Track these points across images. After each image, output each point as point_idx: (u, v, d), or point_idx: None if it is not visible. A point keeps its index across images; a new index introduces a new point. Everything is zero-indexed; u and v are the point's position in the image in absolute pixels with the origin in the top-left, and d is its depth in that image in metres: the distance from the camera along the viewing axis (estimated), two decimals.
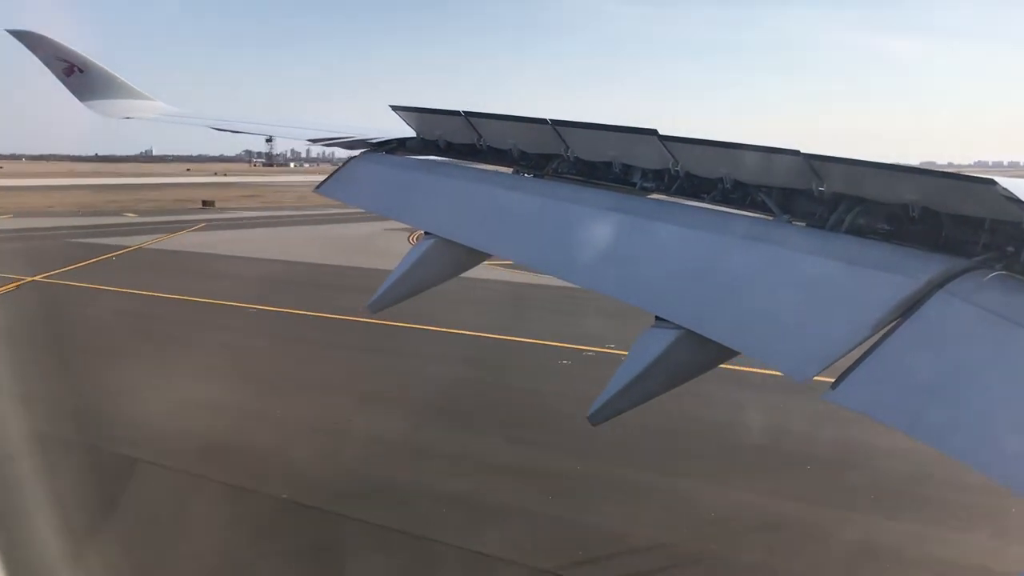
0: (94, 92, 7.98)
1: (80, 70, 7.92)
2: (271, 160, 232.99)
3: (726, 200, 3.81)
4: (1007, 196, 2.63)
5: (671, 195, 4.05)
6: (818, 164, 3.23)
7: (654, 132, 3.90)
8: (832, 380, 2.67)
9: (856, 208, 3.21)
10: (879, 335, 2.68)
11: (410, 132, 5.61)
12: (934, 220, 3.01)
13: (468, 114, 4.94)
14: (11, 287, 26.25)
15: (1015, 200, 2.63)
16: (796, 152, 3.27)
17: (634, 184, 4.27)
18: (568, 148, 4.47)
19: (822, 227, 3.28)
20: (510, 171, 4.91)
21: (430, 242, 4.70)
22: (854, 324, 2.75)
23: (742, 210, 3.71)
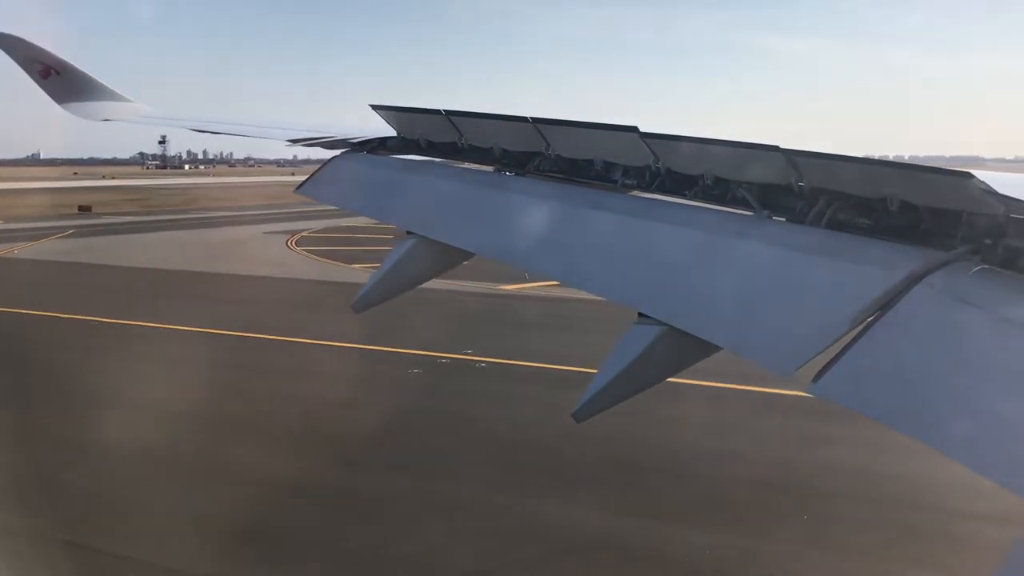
0: (72, 94, 7.90)
1: (57, 72, 7.83)
2: (165, 162, 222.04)
3: (707, 196, 3.82)
4: (984, 189, 2.65)
5: (652, 192, 4.06)
6: (797, 159, 3.25)
7: (635, 129, 3.91)
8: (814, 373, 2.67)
9: (835, 203, 3.22)
10: (860, 328, 2.70)
11: (391, 132, 5.60)
12: (913, 214, 3.03)
13: (449, 113, 4.93)
14: None
15: (992, 193, 2.65)
16: (776, 148, 3.29)
17: (615, 181, 4.27)
18: (549, 146, 4.47)
19: (802, 222, 3.29)
20: (491, 170, 4.90)
21: (412, 241, 4.69)
22: (835, 318, 2.77)
23: (723, 206, 3.72)
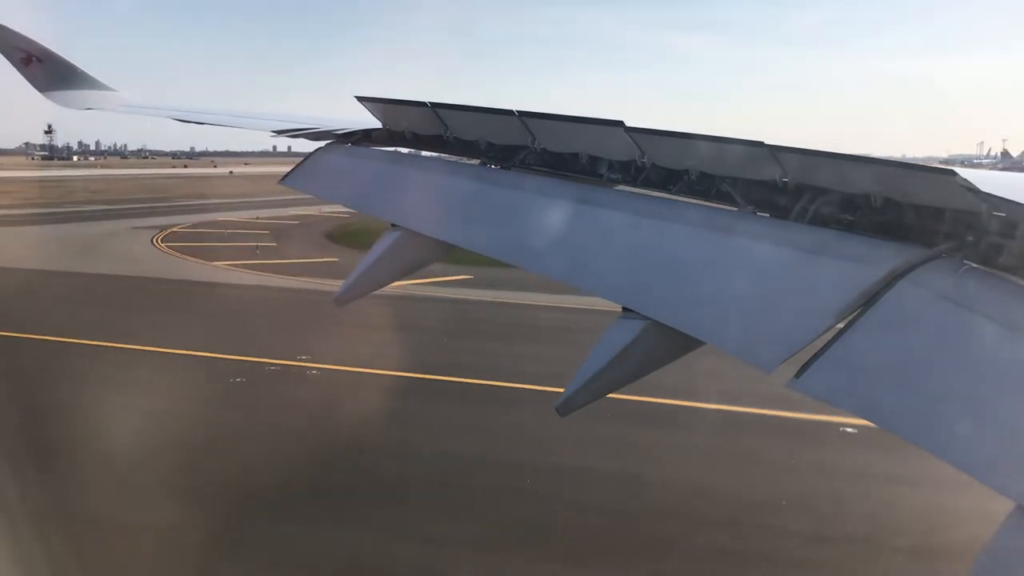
0: (54, 83, 7.83)
1: (39, 60, 7.75)
2: (52, 153, 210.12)
3: (692, 191, 3.82)
4: (966, 187, 2.67)
5: (637, 186, 4.05)
6: (782, 155, 3.25)
7: (620, 123, 3.90)
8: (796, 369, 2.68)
9: (819, 198, 3.23)
10: (843, 324, 2.71)
11: (376, 123, 5.56)
12: (896, 210, 3.04)
13: (435, 105, 4.90)
14: None
15: (974, 190, 2.66)
16: (760, 143, 3.29)
17: (601, 175, 4.27)
18: (535, 139, 4.45)
19: (786, 218, 3.30)
20: (477, 163, 4.88)
21: (396, 234, 4.67)
22: (818, 313, 2.77)
23: (707, 201, 3.72)
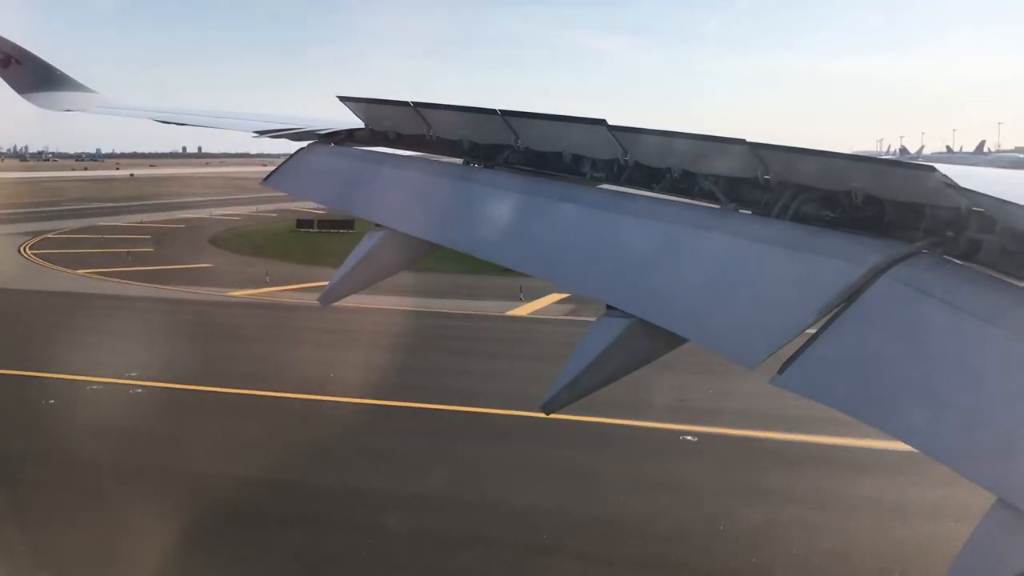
0: (33, 84, 7.75)
1: (17, 61, 7.68)
2: None
3: (675, 189, 3.82)
4: (946, 183, 2.68)
5: (621, 185, 4.05)
6: (763, 153, 3.27)
7: (603, 122, 3.90)
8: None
9: (801, 196, 3.24)
10: (825, 320, 2.72)
11: (359, 123, 5.54)
12: (877, 207, 3.05)
13: (417, 104, 4.89)
14: None
15: (953, 186, 2.68)
16: (742, 141, 3.30)
17: (584, 174, 4.27)
18: (518, 139, 4.44)
19: (768, 215, 3.31)
20: (460, 162, 4.87)
21: (380, 234, 4.66)
22: (800, 310, 2.78)
23: (690, 199, 3.72)
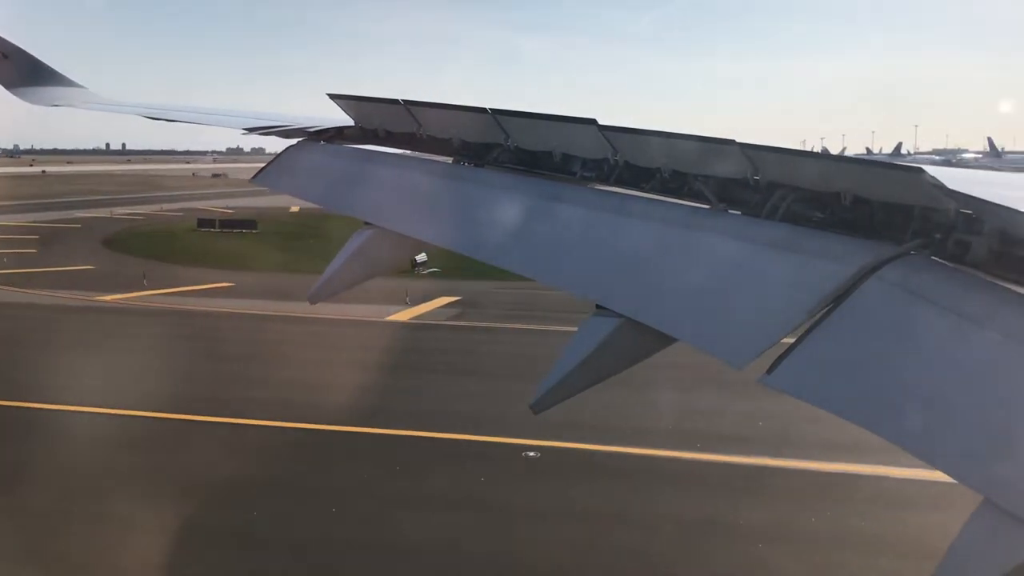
0: (20, 79, 7.71)
1: (5, 56, 7.63)
2: None
3: (664, 189, 3.82)
4: (934, 184, 2.68)
5: (611, 184, 4.05)
6: (753, 153, 3.26)
7: (593, 122, 3.90)
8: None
9: (790, 196, 3.24)
10: (813, 320, 2.71)
11: (349, 121, 5.52)
12: (866, 208, 3.05)
13: (408, 103, 4.87)
14: None
15: (941, 188, 2.68)
16: (732, 142, 3.29)
17: (574, 173, 4.25)
18: (508, 137, 4.43)
19: (757, 215, 3.30)
20: (450, 161, 4.85)
21: (369, 232, 4.64)
22: (789, 310, 2.78)
23: (680, 199, 3.72)
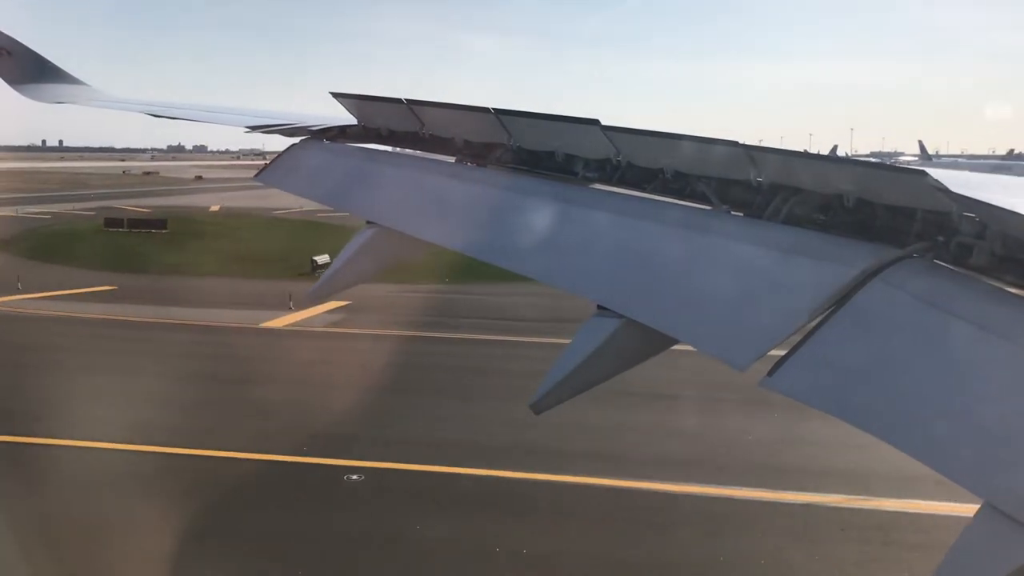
0: (24, 76, 7.71)
1: (8, 53, 7.64)
2: None
3: (667, 190, 3.81)
4: (937, 187, 2.67)
5: (613, 185, 4.04)
6: (756, 155, 3.26)
7: (596, 122, 3.90)
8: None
9: (793, 198, 3.23)
10: (815, 322, 2.71)
11: (352, 120, 5.52)
12: (868, 210, 3.05)
13: (411, 102, 4.87)
14: None
15: (944, 191, 2.67)
16: (735, 143, 3.29)
17: (576, 174, 4.25)
18: (511, 137, 4.43)
19: (760, 217, 3.30)
20: (453, 160, 4.86)
21: (371, 231, 4.64)
22: (791, 312, 2.77)
23: (683, 200, 3.71)
